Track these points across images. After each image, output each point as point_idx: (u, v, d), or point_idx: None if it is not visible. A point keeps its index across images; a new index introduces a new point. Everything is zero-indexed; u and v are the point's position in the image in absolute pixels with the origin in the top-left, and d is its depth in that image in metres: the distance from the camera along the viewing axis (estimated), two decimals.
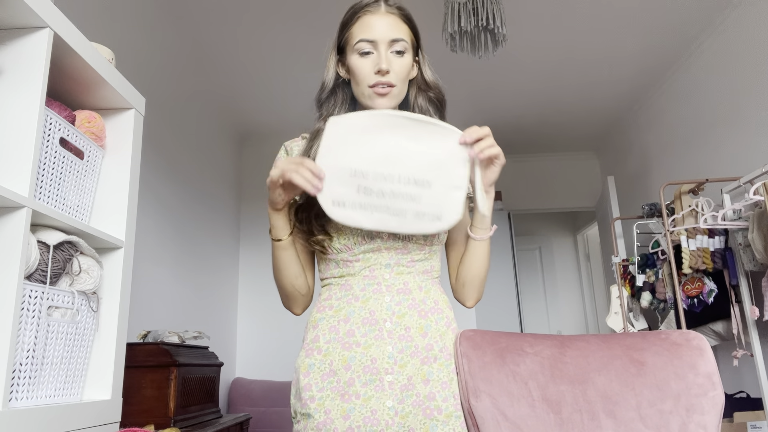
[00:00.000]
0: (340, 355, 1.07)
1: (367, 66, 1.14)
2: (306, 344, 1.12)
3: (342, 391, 1.05)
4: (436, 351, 1.10)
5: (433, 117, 1.22)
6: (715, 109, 3.28)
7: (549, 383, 1.07)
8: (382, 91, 1.13)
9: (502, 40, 2.33)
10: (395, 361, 1.06)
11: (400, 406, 1.04)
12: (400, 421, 1.03)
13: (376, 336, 1.08)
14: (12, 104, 1.07)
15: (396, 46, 1.16)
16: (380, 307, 1.10)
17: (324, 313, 1.13)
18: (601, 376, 1.08)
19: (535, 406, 1.05)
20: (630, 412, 1.04)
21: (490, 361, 1.08)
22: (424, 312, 1.13)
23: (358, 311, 1.10)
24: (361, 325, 1.09)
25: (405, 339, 1.08)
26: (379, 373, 1.06)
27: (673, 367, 1.09)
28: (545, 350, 1.12)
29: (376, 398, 1.04)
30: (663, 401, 1.05)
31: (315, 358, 1.09)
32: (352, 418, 1.03)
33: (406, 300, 1.12)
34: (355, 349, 1.07)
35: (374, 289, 1.11)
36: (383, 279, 1.12)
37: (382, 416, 1.03)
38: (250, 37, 3.21)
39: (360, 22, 1.16)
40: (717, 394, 1.06)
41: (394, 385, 1.05)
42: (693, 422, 1.03)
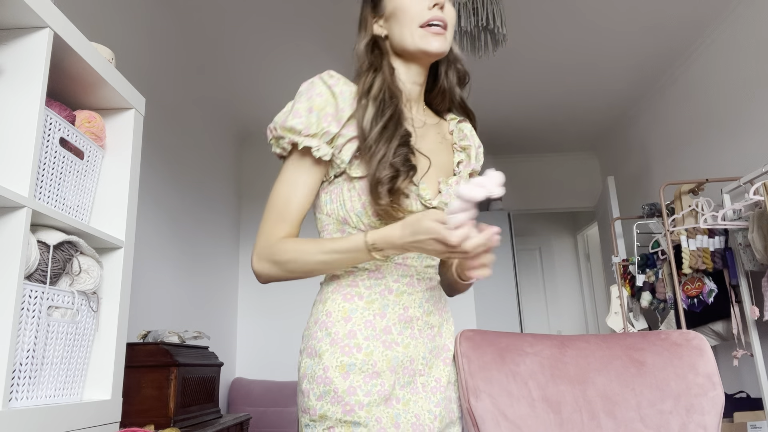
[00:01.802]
0: (383, 354, 0.95)
1: (418, 3, 1.01)
2: (339, 339, 0.95)
3: (387, 395, 0.93)
4: (450, 352, 1.06)
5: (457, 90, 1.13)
6: (715, 109, 3.28)
7: (549, 383, 1.07)
8: (437, 30, 1.00)
9: (502, 40, 2.33)
10: (426, 363, 1.00)
11: (437, 409, 0.97)
12: (438, 426, 0.97)
13: (411, 335, 0.98)
14: (12, 104, 1.07)
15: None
16: (413, 303, 1.00)
17: (354, 303, 0.98)
18: (601, 376, 1.08)
19: (535, 406, 1.05)
20: (630, 412, 1.05)
21: (490, 361, 1.08)
22: (441, 309, 1.06)
23: (393, 306, 0.98)
24: (397, 323, 0.98)
25: (432, 338, 1.01)
26: (414, 374, 0.98)
27: (673, 367, 1.09)
28: (545, 350, 1.12)
29: (414, 402, 0.96)
30: (663, 401, 1.05)
31: (355, 356, 0.94)
32: (402, 427, 0.93)
33: (432, 297, 1.03)
34: (396, 349, 0.96)
35: (408, 282, 1.00)
36: (415, 270, 1.01)
37: (425, 421, 0.95)
38: (250, 37, 3.21)
39: None
40: (717, 394, 1.06)
41: (426, 387, 0.99)
42: (693, 422, 1.03)
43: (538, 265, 6.41)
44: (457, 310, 4.32)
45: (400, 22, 1.02)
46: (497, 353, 1.10)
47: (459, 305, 4.28)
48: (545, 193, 5.25)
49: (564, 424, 1.03)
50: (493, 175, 0.80)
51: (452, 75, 1.12)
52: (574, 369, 1.09)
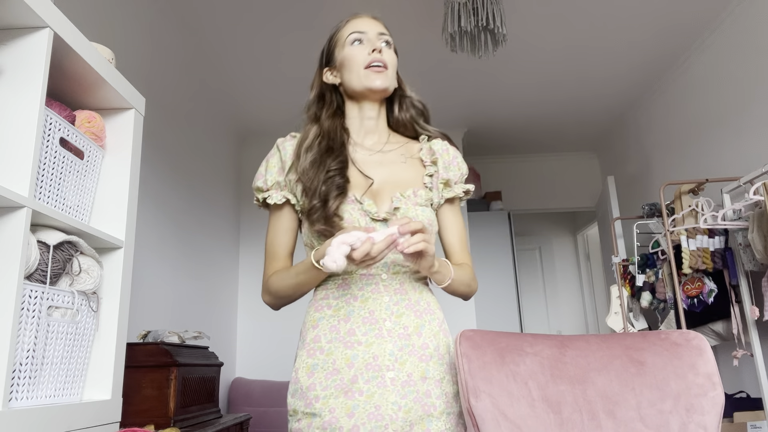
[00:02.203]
0: (342, 353, 1.10)
1: (360, 50, 1.22)
2: (307, 344, 1.15)
3: (345, 388, 1.07)
4: (431, 350, 1.14)
5: (418, 121, 1.32)
6: (715, 109, 3.28)
7: (549, 383, 1.07)
8: (378, 69, 1.20)
9: (502, 40, 2.34)
10: (396, 359, 1.10)
11: (403, 401, 1.07)
12: (404, 416, 1.06)
13: (376, 335, 1.11)
14: (12, 104, 1.07)
15: (384, 38, 1.26)
16: (379, 307, 1.13)
17: (323, 313, 1.16)
18: (601, 376, 1.08)
19: (535, 406, 1.05)
20: (630, 412, 1.05)
21: (490, 361, 1.08)
22: (419, 312, 1.16)
23: (358, 311, 1.13)
24: (361, 324, 1.12)
25: (404, 338, 1.12)
26: (381, 370, 1.08)
27: (673, 367, 1.09)
28: (545, 350, 1.12)
29: (379, 394, 1.07)
30: (663, 401, 1.05)
31: (318, 357, 1.11)
32: (356, 416, 1.05)
33: (403, 300, 1.15)
34: (357, 348, 1.10)
35: (372, 289, 1.14)
36: (380, 278, 1.15)
37: (386, 411, 1.06)
38: (250, 37, 3.21)
39: (349, 24, 1.28)
40: (717, 394, 1.06)
41: (396, 381, 1.08)
42: (693, 422, 1.03)
43: (538, 265, 6.41)
44: (457, 310, 4.31)
45: (348, 68, 1.23)
46: (497, 353, 1.10)
47: (459, 305, 4.26)
48: (545, 193, 5.25)
49: (564, 424, 1.03)
50: (334, 255, 0.98)
51: (407, 109, 1.32)
52: (574, 369, 1.09)
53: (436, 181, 1.25)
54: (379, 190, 1.19)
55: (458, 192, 1.26)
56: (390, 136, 1.30)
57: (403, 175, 1.23)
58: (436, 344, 1.15)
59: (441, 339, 1.17)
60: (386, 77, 1.21)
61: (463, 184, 1.28)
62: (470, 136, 4.71)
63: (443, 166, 1.26)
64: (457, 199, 1.29)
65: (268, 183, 1.22)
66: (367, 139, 1.27)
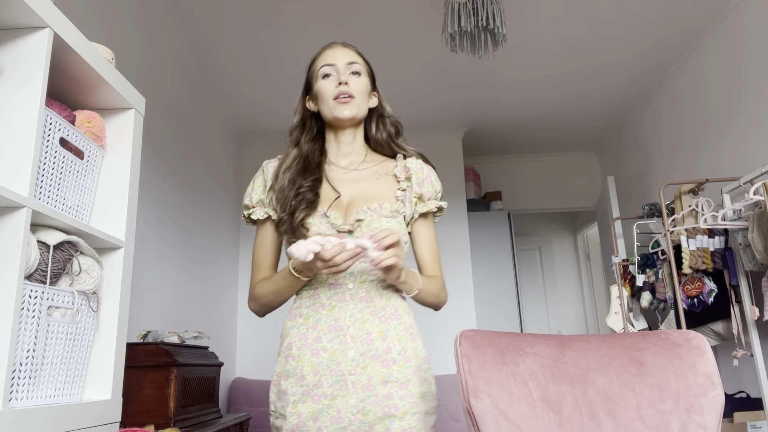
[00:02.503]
0: (309, 360, 1.21)
1: (329, 84, 1.34)
2: (282, 350, 1.27)
3: (311, 392, 1.19)
4: (395, 354, 1.21)
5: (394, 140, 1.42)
6: (715, 109, 3.28)
7: (549, 383, 1.07)
8: (344, 100, 1.31)
9: (502, 40, 2.33)
10: (357, 364, 1.19)
11: (362, 405, 1.17)
12: (362, 418, 1.17)
13: (340, 341, 1.21)
14: (12, 104, 1.07)
15: (353, 67, 1.36)
16: (344, 315, 1.23)
17: (295, 321, 1.27)
18: (601, 376, 1.08)
19: (535, 406, 1.05)
20: (630, 412, 1.05)
21: (490, 361, 1.08)
22: (384, 318, 1.24)
23: (325, 318, 1.23)
24: (327, 332, 1.22)
25: (366, 343, 1.21)
26: (344, 374, 1.19)
27: (673, 367, 1.09)
28: (545, 350, 1.12)
29: (341, 397, 1.18)
30: (663, 401, 1.05)
31: (290, 364, 1.23)
32: (320, 420, 1.18)
33: (368, 307, 1.24)
34: (322, 355, 1.21)
35: (339, 298, 1.24)
36: (347, 288, 1.25)
37: (346, 414, 1.17)
38: (250, 37, 3.21)
39: (322, 55, 1.40)
40: (717, 394, 1.06)
41: (357, 385, 1.18)
42: (693, 422, 1.03)
43: (538, 265, 6.40)
44: (457, 310, 4.32)
45: (321, 99, 1.35)
46: (497, 353, 1.10)
47: (459, 305, 4.28)
48: (545, 193, 5.25)
49: (564, 424, 1.03)
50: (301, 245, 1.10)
51: (383, 129, 1.42)
52: (574, 369, 1.09)
53: (409, 195, 1.34)
54: (349, 204, 1.30)
55: (431, 207, 1.35)
56: (367, 155, 1.41)
57: (375, 191, 1.33)
58: (400, 348, 1.22)
59: (407, 343, 1.24)
60: (353, 106, 1.32)
61: (437, 201, 1.36)
62: (470, 136, 4.71)
63: (417, 182, 1.35)
64: (431, 215, 1.38)
65: (253, 200, 1.36)
66: (343, 160, 1.38)
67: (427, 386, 1.23)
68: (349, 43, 1.42)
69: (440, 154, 4.52)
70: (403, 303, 1.30)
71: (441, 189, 1.39)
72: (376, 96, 1.42)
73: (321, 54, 1.40)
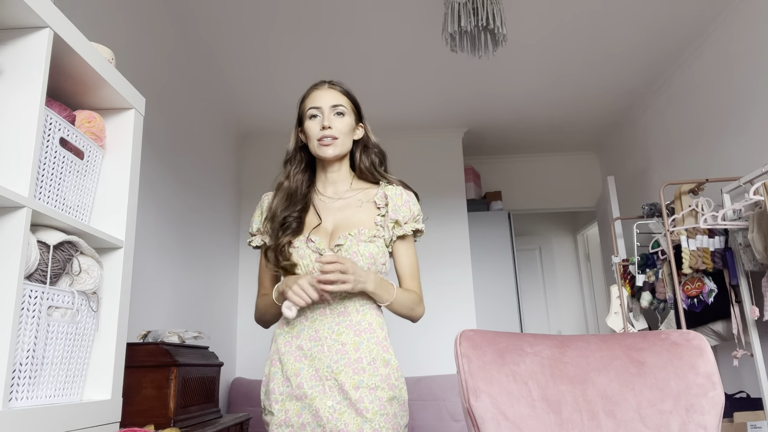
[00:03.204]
0: (292, 365, 1.40)
1: (315, 126, 1.50)
2: (271, 354, 1.46)
3: (295, 393, 1.37)
4: (365, 363, 1.37)
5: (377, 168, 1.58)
6: (715, 109, 3.28)
7: (549, 383, 1.07)
8: (327, 142, 1.47)
9: (502, 40, 2.33)
10: (332, 370, 1.36)
11: (338, 406, 1.34)
12: (338, 417, 1.32)
13: (319, 350, 1.39)
14: (12, 104, 1.07)
15: (337, 109, 1.51)
16: (323, 327, 1.41)
17: (282, 329, 1.46)
18: (601, 376, 1.08)
19: (535, 406, 1.05)
20: (630, 412, 1.04)
21: (490, 361, 1.08)
22: (359, 331, 1.40)
23: (307, 329, 1.42)
24: (308, 341, 1.40)
25: (341, 353, 1.38)
26: (321, 379, 1.37)
27: (673, 367, 1.09)
28: (545, 350, 1.12)
29: (319, 398, 1.35)
30: (663, 401, 1.05)
31: (276, 366, 1.43)
32: (303, 416, 1.36)
33: (344, 321, 1.41)
34: (303, 361, 1.39)
35: (320, 312, 1.42)
36: (327, 303, 1.41)
37: (324, 413, 1.33)
38: (250, 37, 3.21)
39: (310, 96, 1.54)
40: (717, 394, 1.06)
41: (333, 388, 1.35)
42: (693, 422, 1.03)
43: (538, 265, 6.40)
44: (457, 310, 4.32)
45: (308, 138, 1.52)
46: (497, 353, 1.10)
47: (459, 305, 4.28)
48: (545, 193, 5.25)
49: (564, 424, 1.03)
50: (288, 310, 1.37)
51: (367, 158, 1.58)
52: (574, 369, 1.09)
53: (387, 220, 1.49)
54: (334, 230, 1.47)
55: (407, 230, 1.49)
56: (353, 183, 1.57)
57: (357, 217, 1.49)
58: (371, 358, 1.38)
59: (378, 354, 1.39)
60: (335, 147, 1.48)
61: (415, 224, 1.50)
62: (470, 136, 4.71)
63: (393, 208, 1.49)
64: (409, 236, 1.52)
65: (253, 229, 1.56)
66: (330, 189, 1.55)
67: (396, 392, 1.39)
68: (334, 83, 1.55)
69: (440, 154, 4.52)
70: (377, 318, 1.44)
71: (419, 212, 1.53)
72: (362, 127, 1.58)
73: (309, 95, 1.55)
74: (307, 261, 1.42)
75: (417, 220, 1.52)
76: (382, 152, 1.61)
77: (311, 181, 1.58)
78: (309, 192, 1.56)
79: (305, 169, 1.58)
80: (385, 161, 1.61)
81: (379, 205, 1.51)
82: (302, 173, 1.57)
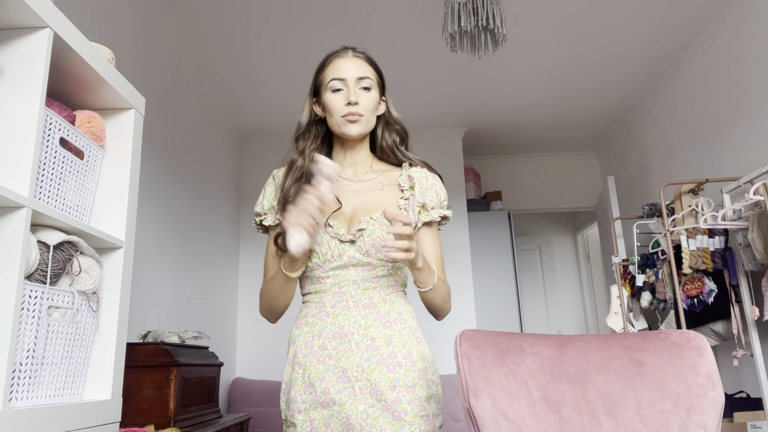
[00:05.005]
0: (315, 368, 1.23)
1: (339, 100, 1.32)
2: (289, 359, 1.29)
3: (320, 400, 1.20)
4: (400, 358, 1.22)
5: (398, 147, 1.42)
6: (715, 109, 3.28)
7: (549, 383, 1.07)
8: (353, 119, 1.31)
9: (502, 40, 2.33)
10: (363, 369, 1.21)
11: (371, 410, 1.18)
12: (372, 423, 1.17)
13: (345, 348, 1.22)
14: (12, 104, 1.07)
15: (363, 83, 1.33)
16: (348, 322, 1.24)
17: (301, 330, 1.29)
18: (601, 376, 1.08)
19: (535, 406, 1.05)
20: (630, 412, 1.04)
21: (490, 361, 1.08)
22: (389, 323, 1.25)
23: (330, 326, 1.25)
24: (332, 339, 1.24)
25: (371, 349, 1.22)
26: (350, 381, 1.20)
27: (673, 367, 1.09)
28: (545, 350, 1.12)
29: (350, 403, 1.19)
30: (663, 401, 1.05)
31: (297, 372, 1.25)
32: (331, 426, 1.19)
33: (371, 313, 1.26)
34: (328, 362, 1.23)
35: (343, 305, 1.26)
36: (350, 295, 1.27)
37: (356, 420, 1.18)
38: (250, 37, 3.21)
39: (332, 65, 1.35)
40: (717, 394, 1.06)
41: (364, 390, 1.19)
42: (693, 422, 1.03)
43: (538, 265, 6.40)
44: (457, 310, 4.31)
45: (329, 113, 1.34)
46: (497, 353, 1.10)
47: (459, 305, 4.28)
48: (545, 193, 5.25)
49: (564, 424, 1.03)
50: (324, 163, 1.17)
51: (390, 136, 1.41)
52: (574, 369, 1.09)
53: (412, 204, 1.34)
54: (353, 215, 1.31)
55: (435, 216, 1.34)
56: (373, 164, 1.42)
57: (378, 201, 1.33)
58: (405, 352, 1.23)
59: (412, 347, 1.25)
60: (361, 125, 1.32)
61: (442, 209, 1.36)
62: (470, 136, 4.71)
63: (420, 191, 1.35)
64: (435, 223, 1.37)
65: (264, 208, 1.37)
66: (349, 170, 1.39)
67: (434, 389, 1.25)
68: (358, 50, 1.38)
69: (440, 154, 4.52)
70: (407, 307, 1.31)
71: (446, 197, 1.38)
72: (384, 102, 1.41)
73: (331, 62, 1.36)
74: (325, 248, 1.27)
75: (443, 206, 1.37)
76: (405, 129, 1.44)
77: None
78: None
79: (321, 146, 1.40)
80: (408, 139, 1.44)
81: (403, 188, 1.36)
82: (318, 150, 1.38)
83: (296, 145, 1.38)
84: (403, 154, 1.42)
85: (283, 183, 1.33)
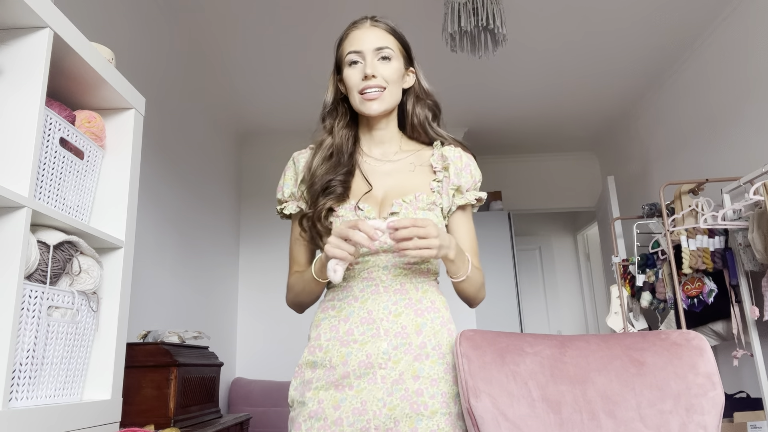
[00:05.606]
0: (338, 351, 1.14)
1: (355, 74, 1.23)
2: (310, 342, 1.20)
3: (337, 383, 1.12)
4: (429, 349, 1.14)
5: (430, 124, 1.32)
6: (714, 109, 3.28)
7: (549, 383, 1.07)
8: (371, 95, 1.21)
9: (502, 40, 2.33)
10: (389, 357, 1.12)
11: (389, 399, 1.09)
12: (388, 413, 1.09)
13: (373, 334, 1.14)
14: (12, 104, 1.07)
15: (382, 53, 1.24)
16: (378, 307, 1.16)
17: (326, 314, 1.21)
18: (601, 376, 1.08)
19: (535, 406, 1.05)
20: (630, 412, 1.04)
21: (490, 361, 1.08)
22: (420, 311, 1.18)
23: (357, 311, 1.17)
24: (359, 324, 1.15)
25: (400, 336, 1.14)
26: (373, 367, 1.12)
27: (673, 367, 1.09)
28: (545, 350, 1.12)
29: (367, 391, 1.10)
30: (663, 401, 1.05)
31: (317, 355, 1.16)
32: (342, 408, 1.10)
33: (402, 300, 1.17)
34: (352, 346, 1.14)
35: (372, 290, 1.18)
36: (381, 280, 1.18)
37: (371, 407, 1.09)
38: (250, 36, 3.21)
39: (349, 37, 1.28)
40: (717, 394, 1.06)
41: (386, 379, 1.11)
42: (693, 422, 1.03)
43: (538, 265, 6.41)
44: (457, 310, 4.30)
45: (348, 89, 1.26)
46: (497, 353, 1.10)
47: (459, 305, 4.27)
48: (545, 193, 5.25)
49: (564, 424, 1.03)
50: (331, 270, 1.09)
51: (422, 111, 1.32)
52: (574, 369, 1.09)
53: (446, 186, 1.25)
54: (384, 197, 1.23)
55: (470, 199, 1.26)
56: (402, 143, 1.32)
57: (410, 183, 1.25)
58: (435, 342, 1.15)
59: (443, 337, 1.17)
60: (381, 101, 1.23)
61: (476, 192, 1.28)
62: (470, 136, 4.71)
63: (455, 172, 1.26)
64: (469, 206, 1.29)
65: (285, 194, 1.29)
66: (376, 149, 1.31)
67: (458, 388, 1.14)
68: (378, 18, 1.29)
69: None
70: (440, 297, 1.24)
71: (481, 178, 1.30)
72: (413, 72, 1.32)
73: (347, 35, 1.29)
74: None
75: (477, 188, 1.29)
76: (437, 104, 1.34)
77: (356, 138, 1.32)
78: (354, 152, 1.29)
79: (350, 124, 1.31)
80: (440, 115, 1.35)
81: (435, 169, 1.27)
82: (347, 128, 1.30)
83: (323, 125, 1.30)
84: (435, 131, 1.32)
85: (310, 162, 1.26)
